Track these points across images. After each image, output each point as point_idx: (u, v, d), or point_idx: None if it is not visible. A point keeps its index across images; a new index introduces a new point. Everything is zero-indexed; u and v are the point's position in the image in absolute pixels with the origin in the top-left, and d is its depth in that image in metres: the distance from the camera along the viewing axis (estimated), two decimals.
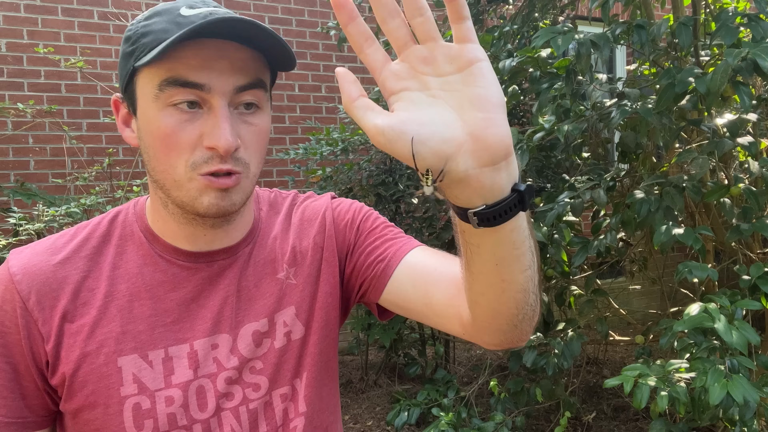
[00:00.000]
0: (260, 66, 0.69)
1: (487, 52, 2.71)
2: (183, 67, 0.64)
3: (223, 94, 0.65)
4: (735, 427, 1.65)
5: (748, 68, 1.58)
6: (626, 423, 2.99)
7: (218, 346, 0.72)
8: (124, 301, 0.70)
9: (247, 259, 0.77)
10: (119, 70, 0.70)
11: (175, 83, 0.64)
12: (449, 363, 3.54)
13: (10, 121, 3.35)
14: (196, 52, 0.64)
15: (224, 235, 0.75)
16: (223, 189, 0.67)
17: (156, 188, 0.71)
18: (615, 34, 1.98)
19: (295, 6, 4.19)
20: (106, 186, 3.00)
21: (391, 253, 0.77)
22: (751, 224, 1.84)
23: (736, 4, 2.79)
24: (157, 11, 0.67)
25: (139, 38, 0.66)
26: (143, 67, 0.65)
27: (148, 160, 0.69)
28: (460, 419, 2.57)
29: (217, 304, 0.73)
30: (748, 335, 1.52)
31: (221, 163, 0.66)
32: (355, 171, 3.14)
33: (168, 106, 0.65)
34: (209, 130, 0.65)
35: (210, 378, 0.71)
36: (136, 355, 0.69)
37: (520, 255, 0.56)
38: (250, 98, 0.68)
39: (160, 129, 0.65)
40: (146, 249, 0.73)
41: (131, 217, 0.75)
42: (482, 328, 0.66)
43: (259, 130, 0.70)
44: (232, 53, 0.66)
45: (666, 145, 2.15)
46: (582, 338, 2.32)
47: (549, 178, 2.94)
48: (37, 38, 3.46)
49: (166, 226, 0.73)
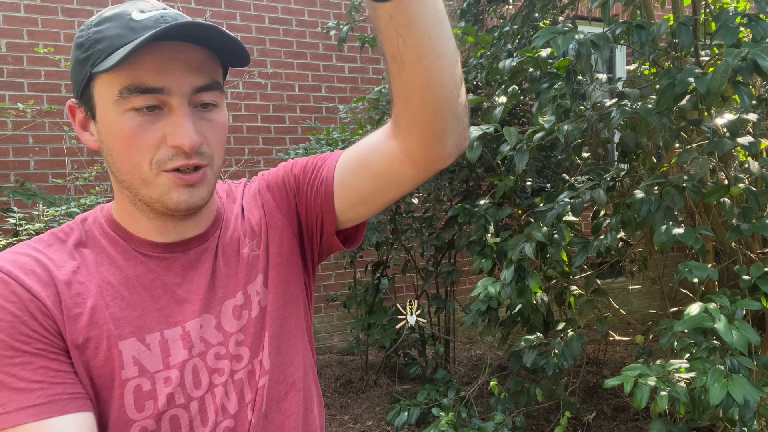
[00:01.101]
0: (214, 66, 0.72)
1: (487, 52, 2.71)
2: (141, 73, 0.65)
3: (182, 95, 0.67)
4: (735, 427, 1.65)
5: (748, 68, 1.58)
6: (626, 423, 2.99)
7: (203, 326, 0.75)
8: (115, 290, 0.72)
9: (216, 243, 0.80)
10: (73, 76, 0.71)
11: (136, 90, 0.65)
12: (449, 363, 3.54)
13: (10, 121, 3.35)
14: (153, 56, 0.65)
15: (193, 225, 0.77)
16: (190, 185, 0.70)
17: (122, 188, 0.73)
18: (615, 34, 1.97)
19: (295, 6, 4.19)
20: (106, 186, 3.00)
21: (324, 171, 0.81)
22: (751, 224, 1.84)
23: (736, 4, 2.79)
24: (107, 17, 0.68)
25: (92, 44, 0.67)
26: (101, 74, 0.66)
27: (112, 162, 0.71)
28: (460, 419, 2.57)
29: (200, 287, 0.76)
30: (748, 335, 1.52)
31: (186, 159, 0.68)
32: None
33: (128, 110, 0.66)
34: (171, 129, 0.67)
35: (200, 357, 0.74)
36: (135, 338, 0.70)
37: (443, 18, 0.60)
38: (208, 99, 0.70)
39: (123, 131, 0.67)
40: (122, 246, 0.75)
41: (101, 220, 0.77)
42: (430, 135, 0.68)
43: (218, 124, 0.72)
44: (187, 55, 0.68)
45: (666, 145, 2.15)
46: (582, 338, 2.32)
47: (549, 178, 2.94)
48: (37, 38, 3.46)
49: (137, 223, 0.75)
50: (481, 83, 2.81)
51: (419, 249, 3.27)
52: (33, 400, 0.62)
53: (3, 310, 0.64)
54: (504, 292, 2.17)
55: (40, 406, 0.62)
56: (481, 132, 2.07)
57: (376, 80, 4.42)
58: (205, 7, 3.90)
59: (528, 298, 2.20)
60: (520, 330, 2.60)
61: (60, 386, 0.64)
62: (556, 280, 2.64)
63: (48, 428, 0.62)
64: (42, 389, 0.63)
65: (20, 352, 0.63)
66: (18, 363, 0.63)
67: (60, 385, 0.65)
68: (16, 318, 0.64)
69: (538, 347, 2.33)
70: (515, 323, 2.62)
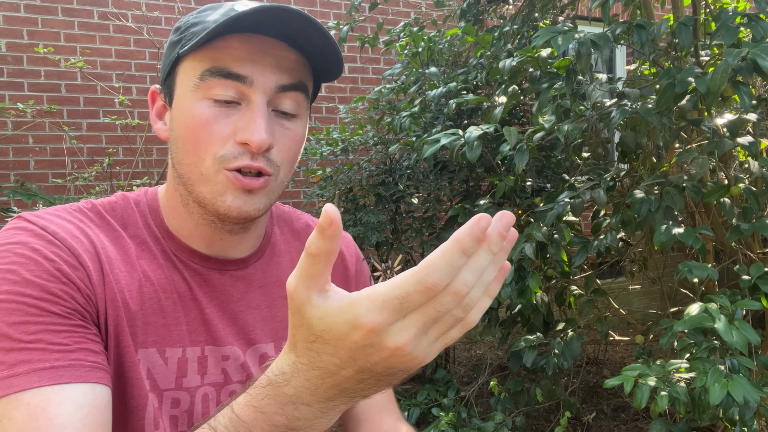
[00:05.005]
0: (305, 71, 0.68)
1: (487, 52, 2.71)
2: (227, 58, 0.62)
3: (264, 91, 0.63)
4: (735, 427, 1.65)
5: (748, 68, 1.58)
6: (626, 423, 2.99)
7: (229, 357, 0.70)
8: (154, 290, 0.67)
9: (261, 276, 0.75)
10: (162, 60, 0.69)
11: (218, 73, 0.62)
12: (449, 363, 3.54)
13: (10, 121, 3.35)
14: (242, 44, 0.63)
15: (238, 242, 0.72)
16: (248, 190, 0.64)
17: (179, 184, 0.68)
18: (615, 34, 1.97)
19: (295, 6, 4.18)
20: (106, 186, 3.00)
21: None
22: (751, 224, 1.84)
23: (736, 4, 2.79)
24: (212, 6, 0.67)
25: (188, 28, 0.65)
26: (187, 56, 0.64)
27: (176, 151, 0.67)
28: (460, 419, 2.57)
29: (228, 315, 0.71)
30: (748, 335, 1.52)
31: (251, 160, 0.63)
32: (355, 171, 3.14)
33: (205, 98, 0.63)
34: (244, 124, 0.63)
35: (215, 387, 0.69)
36: (155, 349, 0.65)
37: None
38: (290, 102, 0.66)
39: (194, 119, 0.63)
40: (162, 245, 0.70)
41: (145, 208, 0.72)
42: None
43: (294, 135, 0.67)
44: (279, 52, 0.64)
45: (666, 145, 2.15)
46: (582, 338, 2.32)
47: (549, 178, 2.93)
48: (37, 38, 3.46)
49: (182, 225, 0.70)
50: (481, 83, 2.81)
51: (419, 249, 3.27)
52: (51, 362, 0.54)
53: (39, 267, 0.57)
54: (504, 292, 2.16)
55: (57, 369, 0.54)
56: (481, 132, 2.07)
57: (376, 80, 4.41)
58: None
59: (528, 298, 2.20)
60: (520, 330, 2.59)
61: (83, 352, 0.56)
62: (556, 280, 2.64)
63: (61, 396, 0.53)
64: (63, 351, 0.55)
65: (46, 312, 0.56)
66: (41, 322, 0.55)
67: (84, 351, 0.57)
68: (53, 277, 0.57)
69: (538, 347, 2.33)
70: (515, 323, 2.62)
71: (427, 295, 0.39)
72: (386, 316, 0.40)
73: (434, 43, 3.04)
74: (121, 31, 3.70)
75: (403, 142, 2.87)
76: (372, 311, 0.40)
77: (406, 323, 0.40)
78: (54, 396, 0.53)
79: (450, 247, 0.39)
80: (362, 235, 2.92)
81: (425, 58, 3.06)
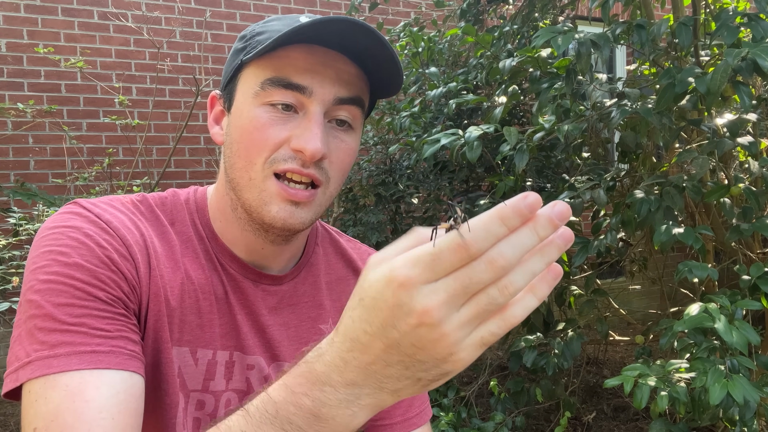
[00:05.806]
0: (363, 86, 0.69)
1: (487, 52, 2.71)
2: (289, 68, 0.64)
3: (322, 102, 0.64)
4: (735, 427, 1.65)
5: (748, 68, 1.58)
6: (626, 423, 2.99)
7: (253, 367, 0.71)
8: (194, 289, 0.67)
9: (292, 294, 0.75)
10: (225, 66, 0.71)
11: (279, 83, 0.63)
12: None
13: (10, 121, 3.35)
14: (305, 55, 0.64)
15: (278, 253, 0.73)
16: (294, 202, 0.65)
17: (229, 189, 0.69)
18: (615, 34, 1.97)
19: (296, 6, 4.19)
20: (106, 186, 3.00)
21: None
22: (751, 224, 1.84)
23: (736, 4, 2.79)
24: (278, 17, 0.68)
25: (253, 36, 0.67)
26: (250, 64, 0.65)
27: (229, 155, 0.68)
28: (460, 419, 2.57)
29: (257, 326, 0.72)
30: (748, 335, 1.52)
31: (302, 166, 0.64)
32: (355, 171, 3.14)
33: (264, 104, 0.64)
34: (299, 132, 0.64)
35: (238, 394, 0.69)
36: (188, 349, 0.66)
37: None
38: (346, 114, 0.67)
39: (251, 122, 0.64)
40: (205, 245, 0.71)
41: (193, 207, 0.73)
42: None
43: (348, 147, 0.68)
44: (340, 65, 0.66)
45: (666, 145, 2.15)
46: (582, 338, 2.32)
47: (549, 178, 2.93)
48: (37, 38, 3.46)
49: (227, 228, 0.71)
50: (481, 83, 2.81)
51: None
52: (92, 346, 0.54)
53: (91, 253, 0.58)
54: None
55: (98, 353, 0.54)
56: (481, 132, 2.07)
57: None
58: (205, 7, 3.90)
59: None
60: (520, 330, 2.59)
61: (123, 340, 0.57)
62: None
63: (99, 380, 0.53)
64: (104, 337, 0.56)
65: (92, 297, 0.57)
66: (86, 306, 0.56)
67: (124, 339, 0.57)
68: (103, 264, 0.59)
69: (538, 347, 2.33)
70: None
71: (459, 254, 0.38)
72: (418, 271, 0.39)
73: (434, 43, 3.05)
74: (121, 31, 3.70)
75: (403, 142, 2.87)
76: (405, 265, 0.39)
77: (437, 286, 0.39)
78: (93, 380, 0.53)
79: (490, 213, 0.38)
80: (362, 235, 2.92)
81: (425, 58, 3.06)
